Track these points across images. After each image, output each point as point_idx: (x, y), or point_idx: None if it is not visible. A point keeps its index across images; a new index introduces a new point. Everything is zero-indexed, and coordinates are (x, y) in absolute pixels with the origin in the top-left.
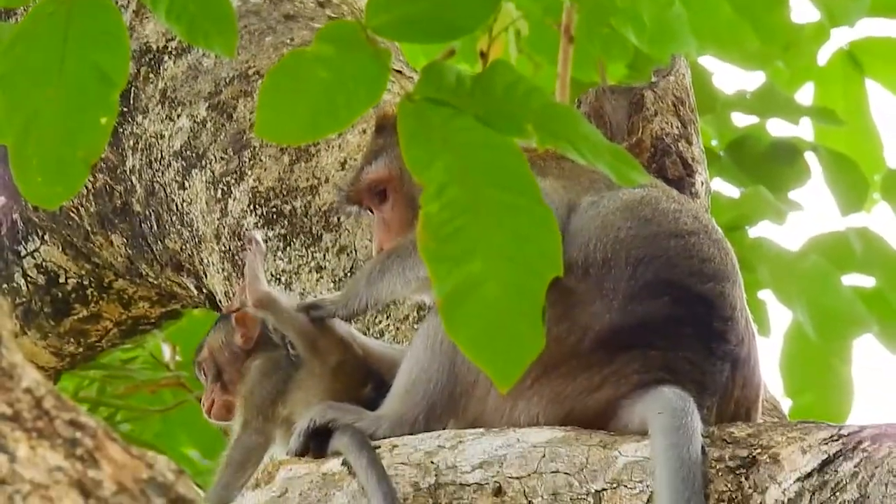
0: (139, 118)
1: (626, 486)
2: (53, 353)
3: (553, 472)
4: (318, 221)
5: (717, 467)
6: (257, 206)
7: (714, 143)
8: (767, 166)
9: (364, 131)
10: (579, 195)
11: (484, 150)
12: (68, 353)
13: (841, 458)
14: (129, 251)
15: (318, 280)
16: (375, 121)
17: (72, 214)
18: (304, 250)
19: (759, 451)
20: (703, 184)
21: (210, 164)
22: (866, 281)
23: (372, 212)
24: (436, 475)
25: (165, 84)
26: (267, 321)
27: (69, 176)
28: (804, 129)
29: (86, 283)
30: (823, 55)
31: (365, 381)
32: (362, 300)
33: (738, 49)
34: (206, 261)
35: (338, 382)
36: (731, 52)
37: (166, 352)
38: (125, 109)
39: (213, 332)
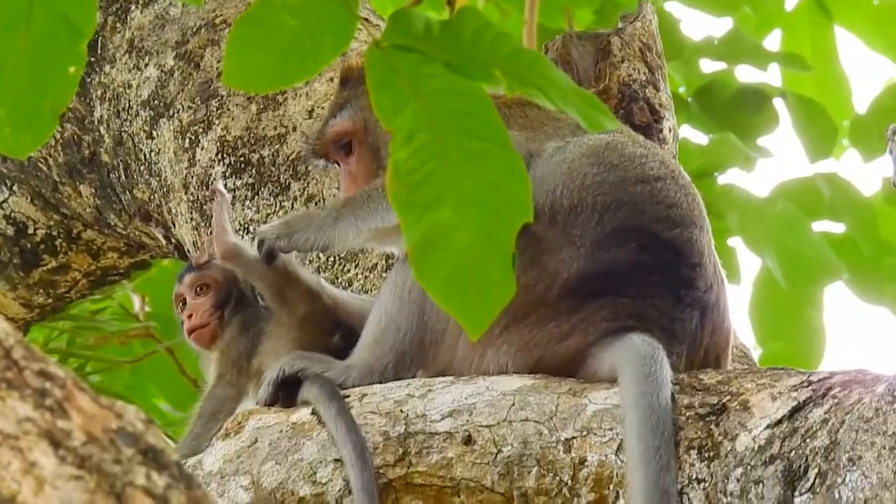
0: (107, 68)
1: (595, 434)
2: (23, 305)
3: (523, 420)
4: (285, 170)
5: (687, 414)
6: (225, 156)
7: (682, 89)
8: (735, 113)
9: (332, 80)
10: (542, 143)
11: (452, 97)
12: (37, 304)
13: (811, 404)
14: (98, 201)
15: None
16: (340, 73)
17: (40, 165)
18: (272, 199)
19: (728, 398)
20: (670, 130)
21: (178, 113)
22: (836, 227)
23: (338, 164)
24: (405, 424)
25: (132, 33)
26: (236, 272)
27: (38, 125)
28: (772, 76)
29: (54, 233)
30: (791, 1)
31: (333, 330)
32: (310, 241)
33: None
34: (174, 210)
35: (306, 332)
36: None
37: (136, 302)
38: (92, 59)
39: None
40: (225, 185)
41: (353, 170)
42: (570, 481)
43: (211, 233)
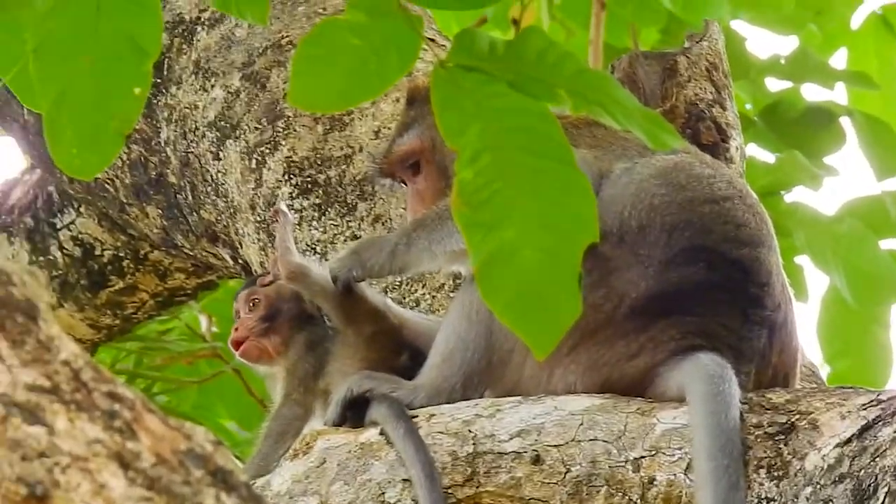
0: (173, 89)
1: (664, 454)
2: (90, 326)
3: (591, 439)
4: (352, 190)
5: (756, 434)
6: (292, 176)
7: (748, 108)
8: (802, 131)
9: (398, 100)
10: (611, 163)
11: (517, 116)
12: (105, 325)
13: (880, 423)
14: (165, 222)
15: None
16: (406, 93)
17: (107, 186)
18: (339, 219)
19: (797, 416)
20: (737, 149)
21: (244, 134)
22: None
23: (405, 184)
24: (474, 444)
25: (199, 55)
26: (302, 293)
27: (104, 147)
28: (838, 94)
29: (122, 254)
30: (857, 19)
31: (400, 350)
32: (384, 268)
33: (772, 13)
34: (241, 231)
35: (373, 352)
36: (764, 17)
37: (203, 323)
38: (159, 81)
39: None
40: (291, 206)
41: (420, 189)
42: (639, 501)
43: (275, 253)
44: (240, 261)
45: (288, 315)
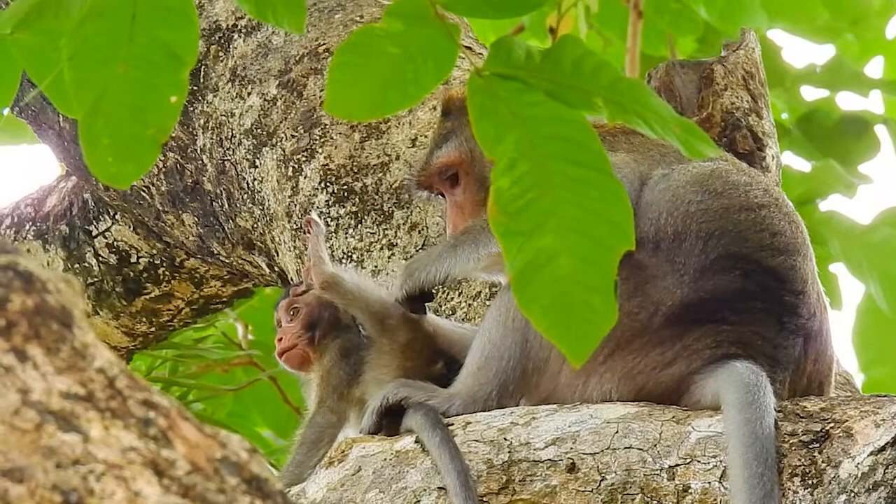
0: (209, 97)
1: (699, 462)
2: (125, 333)
3: (626, 447)
4: (389, 199)
5: (791, 442)
6: (328, 184)
7: (784, 116)
8: (838, 139)
9: (434, 108)
10: (651, 168)
11: (553, 125)
12: (140, 332)
13: None
14: (201, 230)
15: (389, 257)
16: (441, 104)
17: (143, 194)
18: (375, 228)
19: (832, 425)
20: (773, 157)
21: (281, 142)
22: None
23: (443, 196)
24: (509, 452)
25: (235, 62)
26: (335, 302)
27: (140, 154)
28: (874, 103)
29: (157, 262)
30: (893, 28)
31: (435, 358)
32: (431, 273)
33: (808, 23)
34: (277, 239)
35: (408, 360)
36: (800, 26)
37: (239, 330)
38: (195, 88)
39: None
40: (327, 214)
41: (459, 201)
42: None
43: (308, 262)
44: (276, 269)
45: (328, 322)
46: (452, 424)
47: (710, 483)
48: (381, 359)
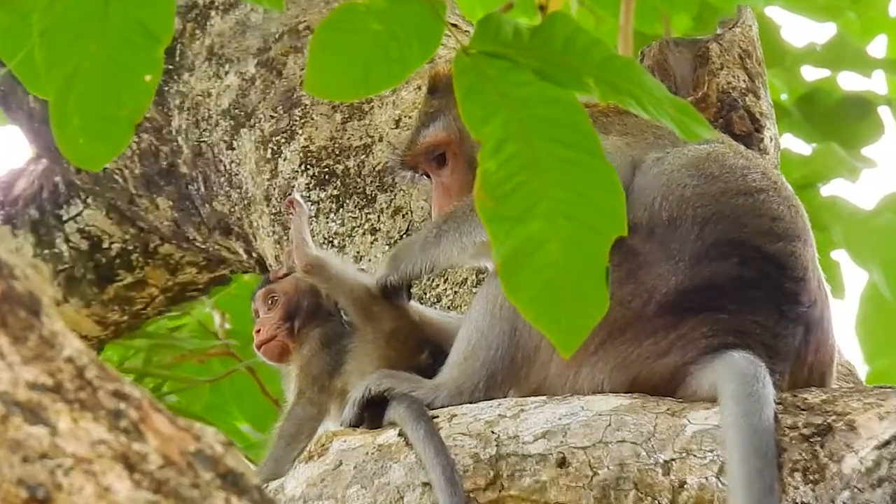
0: (185, 76)
1: (695, 456)
2: (97, 322)
3: (619, 441)
4: (371, 182)
5: (791, 435)
6: (309, 167)
7: (783, 97)
8: (839, 121)
9: (419, 88)
10: (644, 151)
11: (543, 105)
12: (112, 321)
13: None
14: (176, 214)
15: (372, 242)
16: (427, 81)
17: (115, 177)
18: (357, 212)
19: (834, 418)
20: (771, 139)
21: (259, 122)
22: None
23: (429, 177)
24: (497, 445)
25: (212, 40)
26: (318, 287)
27: (113, 136)
28: (877, 83)
29: (130, 248)
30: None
31: (421, 348)
32: (416, 265)
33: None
34: (255, 223)
35: (392, 350)
36: (800, 3)
37: (216, 319)
38: (170, 67)
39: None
40: (308, 198)
41: (446, 182)
42: None
43: (290, 245)
44: (254, 254)
45: (308, 311)
46: (437, 417)
47: (706, 478)
48: (364, 348)
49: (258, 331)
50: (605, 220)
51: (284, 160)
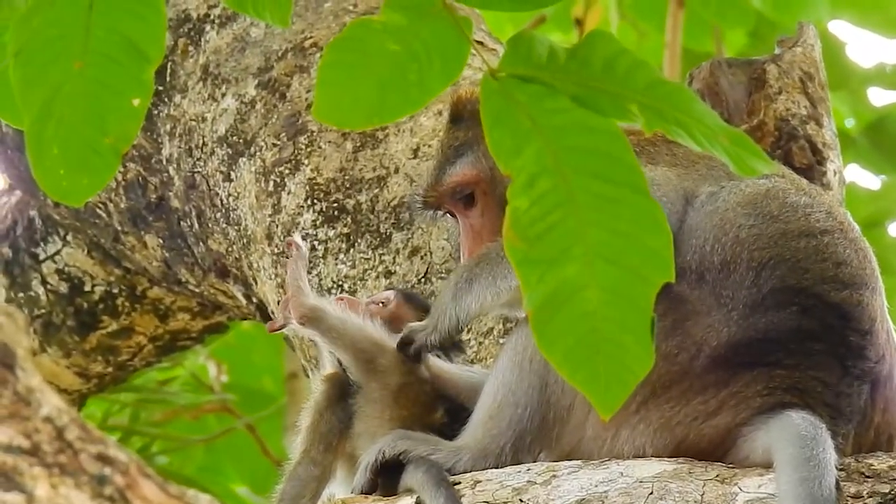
0: (177, 98)
1: None
2: (78, 374)
3: None
4: (386, 218)
5: None
6: (315, 201)
7: (849, 123)
8: None
9: (440, 113)
10: (697, 185)
11: (581, 135)
12: (95, 373)
13: None
14: (166, 254)
15: (386, 287)
16: (450, 107)
17: (99, 211)
18: (370, 252)
19: None
20: (835, 173)
21: (260, 151)
22: None
23: (452, 214)
24: None
25: (207, 58)
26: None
27: (96, 166)
28: None
29: (115, 291)
30: None
31: (434, 405)
32: (451, 318)
33: (877, 13)
34: (255, 265)
35: (403, 408)
36: (868, 18)
37: (211, 371)
38: (160, 88)
39: None
40: (315, 236)
41: (475, 224)
42: None
43: (286, 293)
44: (254, 299)
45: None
46: (459, 483)
47: None
48: (371, 408)
49: None
50: (650, 264)
51: (288, 194)
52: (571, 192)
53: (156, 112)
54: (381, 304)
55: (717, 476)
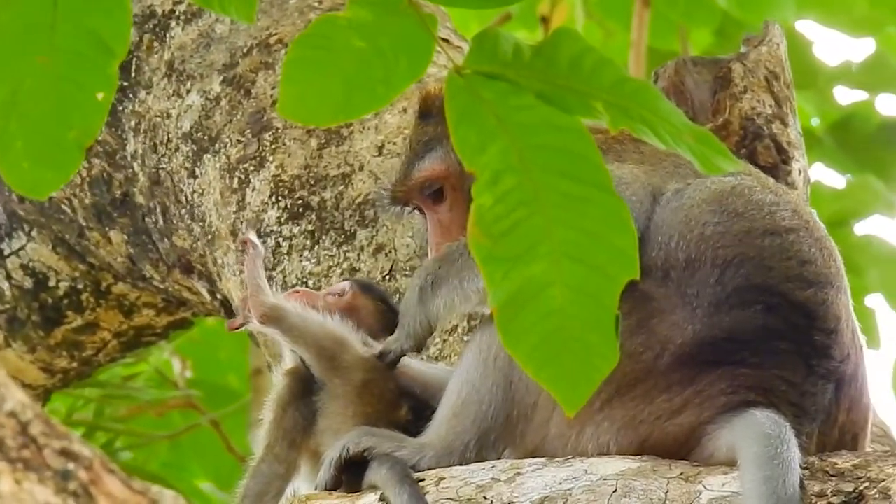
0: (142, 94)
1: None
2: (42, 370)
3: None
4: (351, 215)
5: None
6: (280, 198)
7: (814, 122)
8: (877, 150)
9: (405, 110)
10: (664, 181)
11: (546, 133)
12: (60, 368)
13: None
14: (131, 250)
15: (343, 278)
16: (419, 103)
17: (63, 207)
18: (334, 249)
19: (866, 484)
20: (800, 172)
21: (225, 148)
22: None
23: (420, 210)
24: None
25: (172, 54)
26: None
27: (60, 160)
28: None
29: (80, 286)
30: None
31: (398, 402)
32: (422, 322)
33: (843, 13)
34: (220, 261)
35: (367, 405)
36: (834, 17)
37: (175, 367)
38: (125, 84)
39: None
40: (280, 233)
41: (444, 220)
42: None
43: (244, 292)
44: (218, 296)
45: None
46: (423, 480)
47: None
48: (334, 404)
49: None
50: (616, 262)
51: (253, 190)
52: (537, 190)
53: (121, 108)
54: (337, 296)
55: (681, 474)
